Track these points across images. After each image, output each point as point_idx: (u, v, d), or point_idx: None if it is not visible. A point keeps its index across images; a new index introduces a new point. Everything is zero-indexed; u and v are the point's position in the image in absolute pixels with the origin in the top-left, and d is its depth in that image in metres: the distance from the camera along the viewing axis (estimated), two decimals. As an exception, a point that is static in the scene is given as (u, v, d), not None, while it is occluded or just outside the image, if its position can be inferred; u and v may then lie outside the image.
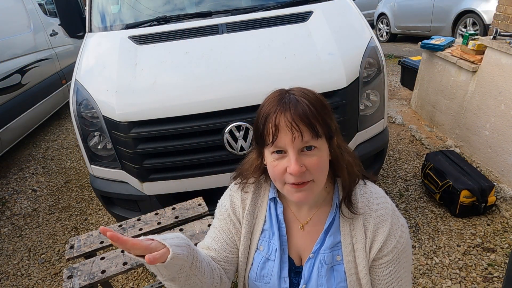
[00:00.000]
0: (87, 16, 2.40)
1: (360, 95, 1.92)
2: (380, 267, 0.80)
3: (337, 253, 0.82)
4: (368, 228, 0.79)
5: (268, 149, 0.76)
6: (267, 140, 0.74)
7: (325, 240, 0.82)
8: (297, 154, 0.71)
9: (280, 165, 0.73)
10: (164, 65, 1.91)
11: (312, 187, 0.75)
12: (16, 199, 3.24)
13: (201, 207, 1.76)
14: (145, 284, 2.16)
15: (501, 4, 3.16)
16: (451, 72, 3.23)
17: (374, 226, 0.79)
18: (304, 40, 1.97)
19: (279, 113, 0.71)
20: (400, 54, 6.29)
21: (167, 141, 1.80)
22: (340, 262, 0.81)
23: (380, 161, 2.21)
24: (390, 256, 0.79)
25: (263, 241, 0.88)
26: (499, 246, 2.14)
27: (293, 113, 0.70)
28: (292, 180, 0.73)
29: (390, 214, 0.80)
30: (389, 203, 0.83)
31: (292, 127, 0.70)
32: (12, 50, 3.83)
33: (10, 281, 2.34)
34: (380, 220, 0.79)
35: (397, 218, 0.82)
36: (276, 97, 0.75)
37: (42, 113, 4.31)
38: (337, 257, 0.82)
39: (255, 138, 0.79)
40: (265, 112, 0.75)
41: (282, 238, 0.86)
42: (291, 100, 0.73)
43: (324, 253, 0.81)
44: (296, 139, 0.70)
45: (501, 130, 2.64)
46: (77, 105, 1.93)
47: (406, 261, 0.83)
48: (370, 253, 0.79)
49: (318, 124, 0.71)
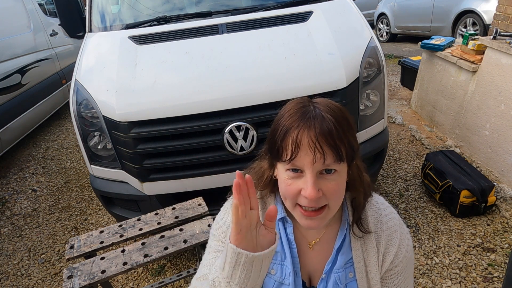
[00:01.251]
0: (87, 16, 2.40)
1: (360, 95, 1.92)
2: (391, 278, 0.79)
3: (349, 270, 0.78)
4: (380, 242, 0.77)
5: (283, 165, 0.68)
6: (284, 157, 0.66)
7: (337, 259, 0.78)
8: (315, 177, 0.65)
9: (295, 185, 0.66)
10: (164, 65, 1.91)
11: (326, 215, 0.69)
12: (16, 199, 3.24)
13: (201, 207, 1.76)
14: (145, 284, 2.16)
15: (501, 4, 3.16)
16: (451, 72, 3.23)
17: (386, 240, 0.77)
18: (304, 40, 1.97)
19: (302, 130, 0.63)
20: (400, 54, 6.29)
21: (167, 141, 1.80)
22: (353, 279, 0.78)
23: (380, 161, 2.21)
24: (401, 266, 0.78)
25: (274, 264, 0.79)
26: (499, 246, 2.14)
27: (318, 132, 0.63)
28: (306, 204, 0.67)
29: (398, 225, 0.79)
30: (394, 212, 0.82)
31: (315, 148, 0.62)
32: (12, 50, 3.83)
33: (10, 281, 2.34)
34: (391, 232, 0.78)
35: (403, 227, 0.81)
36: (299, 109, 0.66)
37: (42, 113, 4.31)
38: (349, 274, 0.78)
39: (270, 149, 0.71)
40: (285, 124, 0.66)
41: (294, 260, 0.79)
42: (317, 115, 0.64)
43: (338, 272, 0.77)
44: (318, 161, 0.63)
45: (501, 130, 2.64)
46: (77, 105, 1.93)
47: (411, 266, 0.82)
48: (383, 266, 0.78)
49: (343, 147, 0.64)
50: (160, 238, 1.59)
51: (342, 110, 0.68)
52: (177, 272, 2.21)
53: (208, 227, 1.62)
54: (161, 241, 1.57)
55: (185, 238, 1.57)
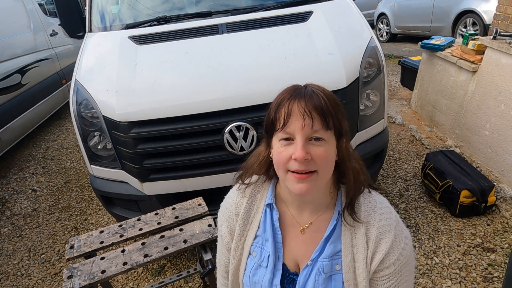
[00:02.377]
0: (87, 16, 2.40)
1: (360, 95, 1.92)
2: (381, 280, 0.78)
3: (336, 262, 0.79)
4: (370, 238, 0.77)
5: (277, 135, 0.74)
6: (277, 125, 0.73)
7: (325, 248, 0.80)
8: (304, 141, 0.70)
9: (286, 151, 0.72)
10: (164, 65, 1.91)
11: (315, 180, 0.72)
12: (16, 199, 3.24)
13: (201, 207, 1.76)
14: (145, 284, 2.16)
15: (501, 4, 3.16)
16: (451, 72, 3.23)
17: (376, 237, 0.76)
18: (304, 40, 1.97)
19: (292, 100, 0.71)
20: (400, 54, 6.29)
21: (167, 141, 1.80)
22: (339, 272, 0.79)
23: (380, 161, 2.21)
24: (392, 268, 0.77)
25: (256, 247, 0.86)
26: (499, 246, 2.14)
27: (307, 100, 0.70)
28: (296, 167, 0.71)
29: (393, 225, 0.78)
30: (393, 213, 0.80)
31: (304, 113, 0.69)
32: (12, 50, 3.84)
33: (10, 281, 2.34)
34: (383, 231, 0.77)
35: (400, 230, 0.79)
36: (291, 88, 0.75)
37: (42, 113, 4.31)
38: (336, 267, 0.79)
39: (266, 127, 0.78)
40: (278, 99, 0.74)
41: (277, 245, 0.84)
42: (307, 90, 0.73)
43: (323, 261, 0.79)
44: (306, 125, 0.69)
45: (501, 130, 2.64)
46: (77, 105, 1.93)
47: (409, 275, 0.79)
48: (371, 265, 0.77)
49: (330, 116, 0.71)
50: (160, 238, 1.59)
51: (332, 94, 0.75)
52: (177, 272, 2.21)
53: (208, 227, 1.62)
54: (161, 241, 1.57)
55: (185, 238, 1.57)
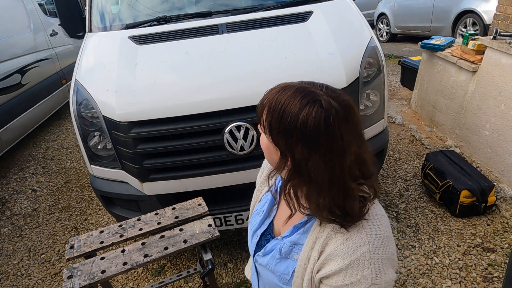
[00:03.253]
0: (87, 16, 2.40)
1: (360, 95, 1.92)
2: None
3: (296, 252, 0.79)
4: (324, 251, 0.71)
5: None
6: None
7: (293, 234, 0.80)
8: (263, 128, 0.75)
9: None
10: (164, 65, 1.91)
11: None
12: (16, 199, 3.25)
13: (201, 207, 1.76)
14: (145, 284, 2.16)
15: (501, 4, 3.16)
16: (451, 72, 3.23)
17: (329, 255, 0.70)
18: (304, 40, 1.97)
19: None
20: (400, 54, 6.30)
21: (167, 141, 1.80)
22: (295, 261, 0.78)
23: (380, 161, 2.21)
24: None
25: (264, 197, 0.95)
26: (499, 246, 2.14)
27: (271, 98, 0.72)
28: None
29: (355, 258, 0.67)
30: (372, 248, 0.67)
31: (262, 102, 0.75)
32: (12, 50, 3.84)
33: (10, 281, 2.34)
34: (338, 255, 0.68)
35: (362, 267, 0.66)
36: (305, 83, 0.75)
37: (42, 113, 4.31)
38: (294, 255, 0.79)
39: None
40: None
41: (271, 205, 0.91)
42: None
43: (286, 243, 0.80)
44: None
45: (501, 130, 2.64)
46: (77, 105, 1.93)
47: None
48: (317, 274, 0.73)
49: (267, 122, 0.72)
50: (160, 238, 1.59)
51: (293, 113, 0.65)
52: (177, 272, 2.21)
53: (208, 227, 1.62)
54: (161, 241, 1.57)
55: (185, 238, 1.57)
